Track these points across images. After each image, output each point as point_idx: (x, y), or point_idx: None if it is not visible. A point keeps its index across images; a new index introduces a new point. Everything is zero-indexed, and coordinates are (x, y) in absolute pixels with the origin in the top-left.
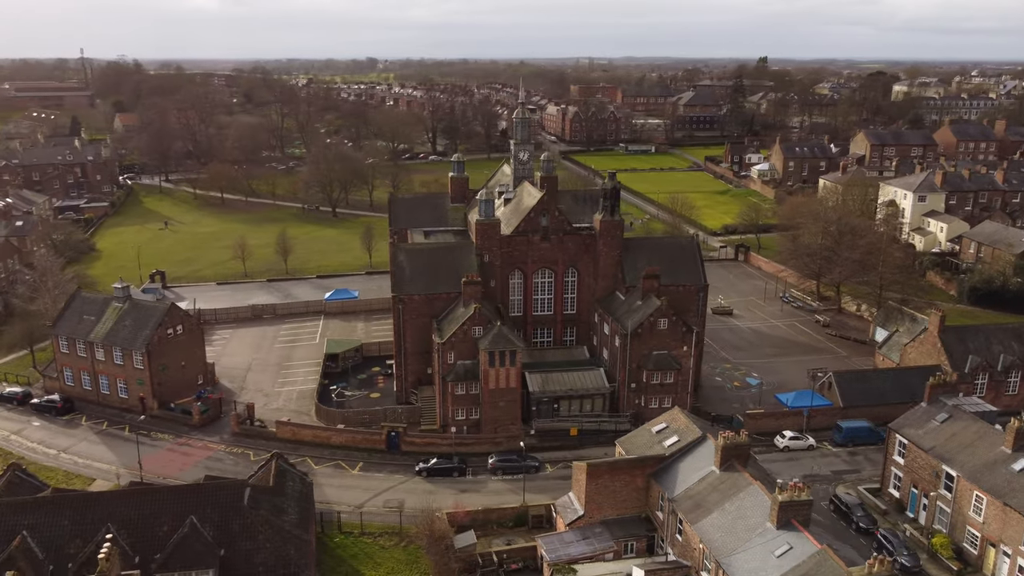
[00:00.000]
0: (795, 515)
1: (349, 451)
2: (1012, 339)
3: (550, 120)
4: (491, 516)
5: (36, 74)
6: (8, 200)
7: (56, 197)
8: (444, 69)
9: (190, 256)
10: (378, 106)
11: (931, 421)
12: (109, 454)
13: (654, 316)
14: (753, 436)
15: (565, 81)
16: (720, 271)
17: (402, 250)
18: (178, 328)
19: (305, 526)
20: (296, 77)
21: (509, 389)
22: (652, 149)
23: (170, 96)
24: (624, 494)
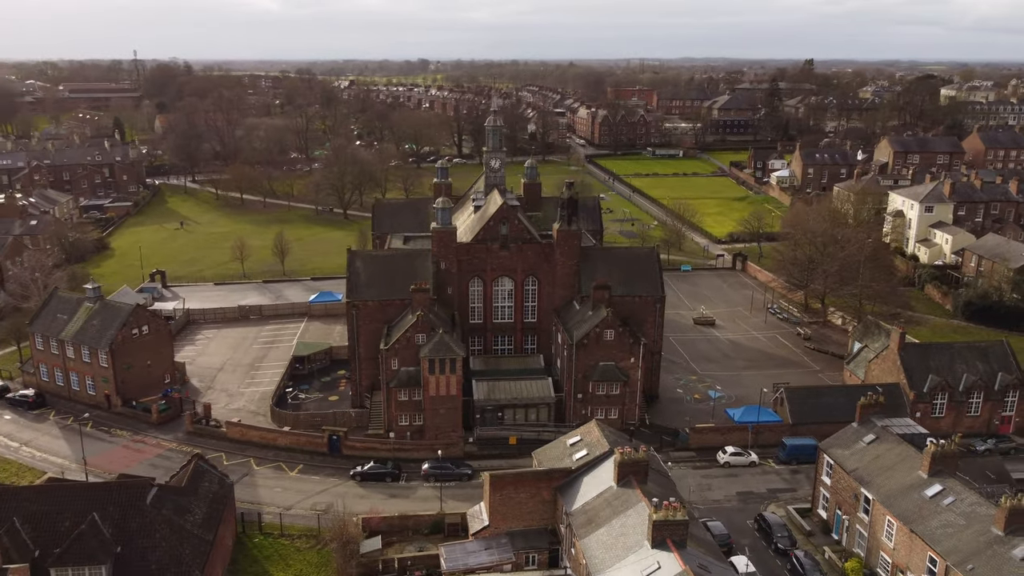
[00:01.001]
0: (670, 534)
1: (293, 453)
2: (978, 359)
3: (581, 123)
4: (407, 523)
5: (92, 76)
6: (32, 199)
7: (84, 196)
8: (493, 70)
9: (196, 256)
10: (415, 108)
11: (858, 442)
12: (67, 449)
13: (600, 327)
14: (695, 450)
15: (603, 83)
16: (715, 280)
17: (358, 256)
18: (143, 328)
19: (211, 526)
20: (339, 79)
21: (450, 396)
22: (680, 153)
23: (204, 97)
24: (530, 506)
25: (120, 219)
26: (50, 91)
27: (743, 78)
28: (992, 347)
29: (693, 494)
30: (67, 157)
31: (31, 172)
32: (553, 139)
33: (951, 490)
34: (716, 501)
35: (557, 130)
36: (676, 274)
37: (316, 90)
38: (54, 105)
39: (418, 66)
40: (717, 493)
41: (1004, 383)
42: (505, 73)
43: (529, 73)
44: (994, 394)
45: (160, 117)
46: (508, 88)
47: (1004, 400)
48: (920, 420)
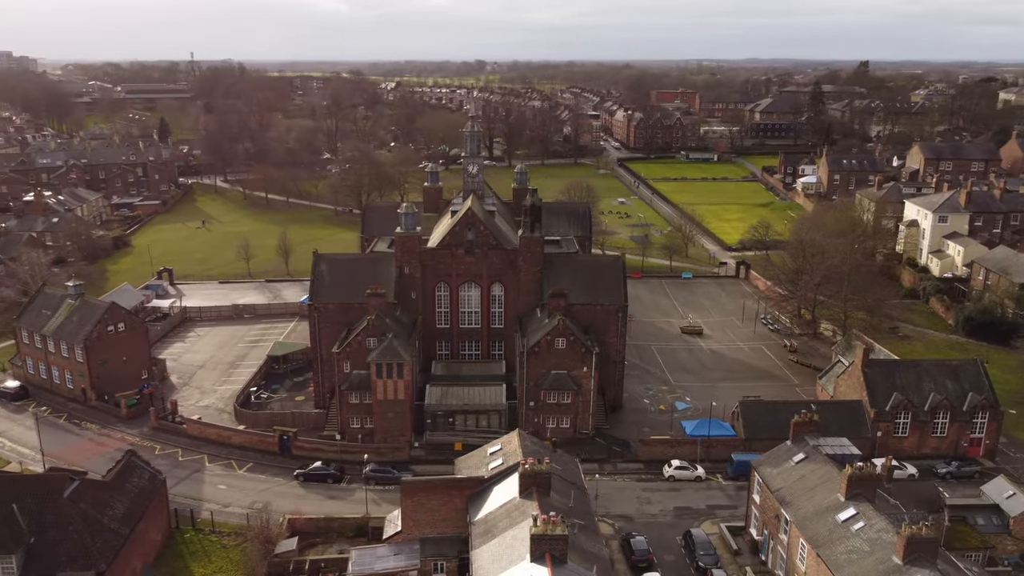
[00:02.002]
0: (549, 549)
1: (246, 452)
2: (948, 378)
3: (618, 126)
4: (333, 524)
5: (152, 77)
6: (60, 197)
7: (117, 195)
8: (549, 72)
9: (209, 255)
10: (456, 110)
11: (788, 461)
12: (37, 440)
13: (552, 335)
14: (644, 462)
15: (645, 86)
16: (714, 289)
17: (323, 259)
18: (119, 326)
19: (129, 521)
20: (388, 81)
21: (397, 401)
22: (714, 157)
23: (241, 98)
24: (443, 513)
25: (147, 217)
26: (107, 92)
27: (793, 80)
28: (964, 366)
29: (630, 507)
30: (103, 156)
31: (68, 170)
32: (586, 142)
33: (863, 515)
34: (652, 515)
35: (590, 133)
36: (676, 281)
37: (362, 92)
38: (108, 105)
39: (475, 67)
40: (655, 507)
41: (973, 404)
42: (559, 75)
43: (583, 75)
44: (961, 415)
45: (204, 117)
46: (553, 89)
47: (972, 422)
48: (882, 440)
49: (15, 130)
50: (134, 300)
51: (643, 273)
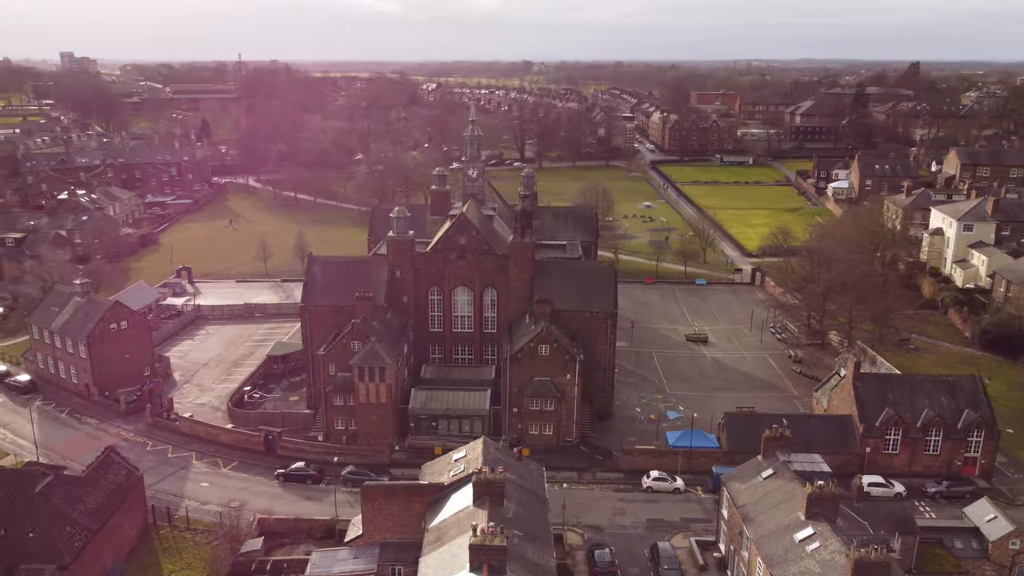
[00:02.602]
0: (488, 559)
1: (233, 450)
2: (943, 393)
3: (654, 128)
4: (302, 526)
5: (201, 77)
6: (94, 196)
7: (151, 193)
8: (596, 72)
9: (231, 253)
10: (494, 111)
11: (756, 476)
12: (37, 433)
13: (535, 341)
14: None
15: (685, 87)
16: (727, 296)
17: (317, 261)
18: (122, 323)
19: (101, 516)
20: (430, 81)
21: (380, 404)
22: (749, 161)
23: (282, 98)
24: (403, 519)
25: (179, 216)
26: (156, 92)
27: (839, 81)
28: (961, 382)
29: (603, 518)
30: (140, 156)
31: (105, 169)
32: (619, 144)
33: (820, 535)
34: (623, 527)
35: (624, 135)
36: (689, 288)
37: (403, 92)
38: (155, 105)
39: (521, 68)
40: (628, 518)
41: (968, 421)
42: (605, 75)
43: (629, 76)
44: (955, 433)
45: (243, 118)
46: (594, 91)
47: (967, 440)
48: (871, 456)
49: (61, 129)
50: (149, 298)
51: (657, 279)
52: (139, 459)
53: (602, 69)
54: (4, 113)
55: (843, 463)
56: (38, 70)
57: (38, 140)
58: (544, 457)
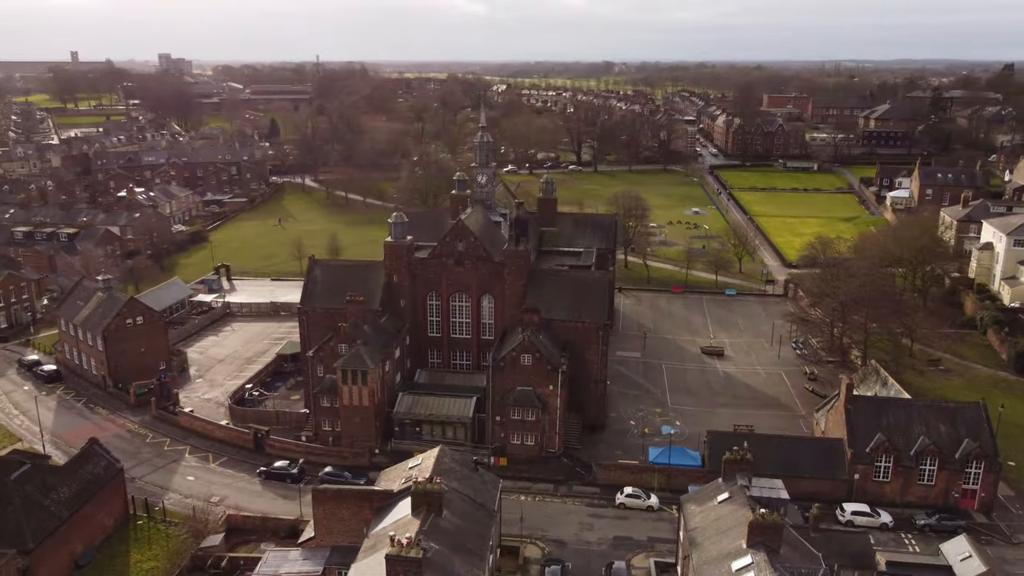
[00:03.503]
0: (403, 570)
1: (224, 446)
2: (943, 421)
3: (718, 132)
4: (268, 524)
5: (281, 78)
6: (152, 193)
7: (211, 192)
8: (677, 73)
9: (273, 251)
10: (561, 112)
11: (712, 500)
12: (51, 421)
13: (517, 351)
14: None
15: (758, 89)
16: (755, 308)
17: (318, 265)
18: (137, 319)
19: (73, 505)
20: (500, 82)
21: (362, 407)
22: (814, 167)
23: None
24: (353, 523)
25: (233, 214)
26: (235, 92)
27: (922, 84)
28: (964, 409)
29: (569, 532)
30: (202, 155)
31: (168, 168)
32: (680, 148)
33: (756, 565)
34: (587, 543)
35: (685, 138)
36: (718, 298)
37: (472, 94)
38: (232, 105)
39: (602, 68)
40: (594, 534)
41: (967, 451)
42: (686, 76)
43: (711, 77)
44: (952, 463)
45: (313, 118)
46: (665, 93)
47: (965, 471)
48: (860, 483)
49: (137, 129)
50: (182, 294)
51: (685, 288)
52: (137, 451)
53: (683, 70)
54: (95, 112)
55: (831, 489)
56: (129, 71)
57: (114, 139)
58: (523, 468)
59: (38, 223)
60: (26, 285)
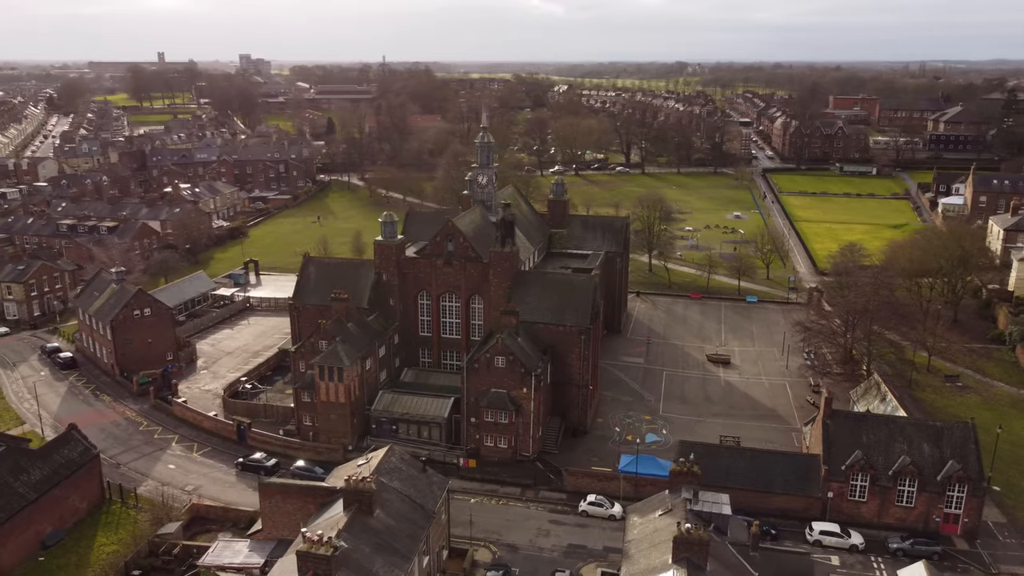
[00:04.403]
0: (314, 566)
1: (210, 436)
2: (928, 440)
3: (776, 134)
4: (229, 514)
5: (348, 78)
6: (197, 190)
7: (258, 188)
8: (751, 74)
9: (308, 247)
10: (619, 113)
11: (653, 512)
12: (58, 406)
13: (490, 353)
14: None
15: (823, 91)
16: (774, 316)
17: (312, 262)
18: (145, 311)
19: (42, 487)
20: (561, 83)
21: (339, 403)
22: (872, 171)
23: (405, 98)
24: (299, 517)
25: (276, 210)
26: (301, 91)
27: (1009, 86)
28: (952, 429)
29: (524, 538)
30: (251, 153)
31: (219, 165)
32: (734, 150)
33: None
34: (540, 549)
35: (740, 140)
36: (738, 305)
37: (531, 93)
38: (296, 104)
39: (675, 69)
40: (550, 541)
41: (949, 473)
42: (760, 78)
43: (786, 77)
44: (932, 484)
45: (369, 118)
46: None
47: (946, 494)
48: (834, 502)
49: (198, 127)
50: (204, 287)
51: (706, 293)
52: (128, 437)
53: (758, 71)
54: (167, 111)
55: (804, 507)
56: (204, 71)
57: (175, 136)
58: (494, 470)
59: (81, 216)
60: (59, 275)
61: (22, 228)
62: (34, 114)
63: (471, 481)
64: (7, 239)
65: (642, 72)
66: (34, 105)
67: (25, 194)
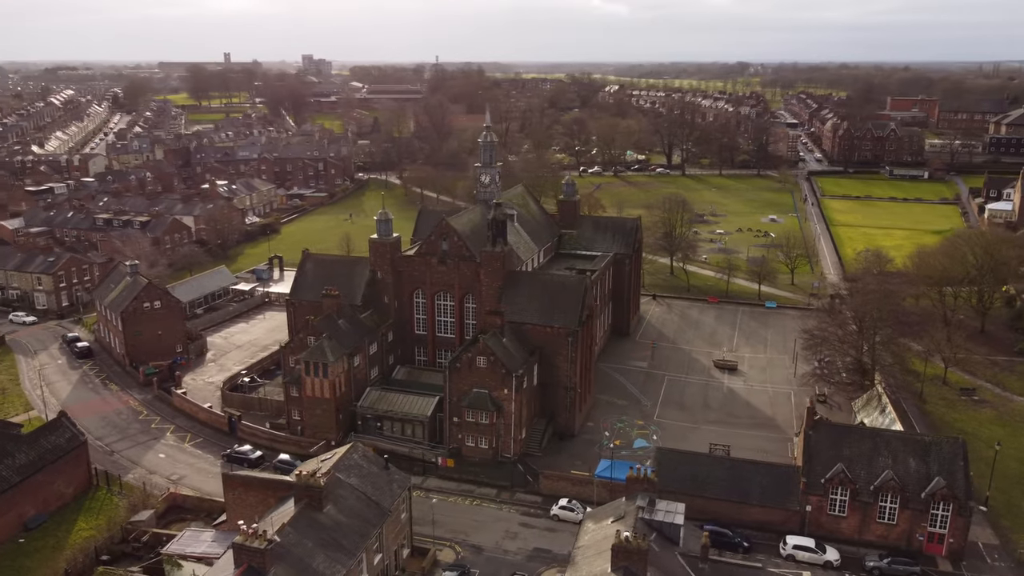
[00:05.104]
0: (248, 559)
1: (204, 427)
2: (914, 455)
3: (827, 137)
4: (204, 505)
5: (401, 78)
6: (233, 187)
7: (297, 186)
8: (814, 75)
9: (336, 245)
10: (668, 114)
11: (606, 519)
12: (68, 394)
13: (472, 353)
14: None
15: (876, 90)
16: (792, 323)
17: (310, 258)
18: (155, 303)
19: (26, 471)
20: (615, 82)
21: (324, 399)
22: (924, 175)
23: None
24: (260, 510)
25: (311, 208)
26: (353, 91)
27: None
28: (941, 444)
29: (491, 539)
30: (292, 151)
31: (259, 162)
32: (781, 152)
33: None
34: (505, 551)
35: (786, 142)
36: (756, 311)
37: (581, 94)
38: (346, 104)
39: (735, 69)
40: (517, 544)
41: (934, 491)
42: (824, 78)
43: (851, 78)
44: (915, 502)
45: (414, 117)
46: (785, 94)
47: (930, 512)
48: (813, 516)
49: (246, 125)
50: (225, 281)
51: (724, 298)
52: (127, 426)
53: (822, 72)
54: (223, 109)
55: (782, 519)
56: (258, 71)
57: (223, 135)
58: (473, 471)
59: (117, 211)
60: (88, 267)
61: (62, 221)
62: (97, 112)
63: (448, 480)
64: (48, 232)
65: (702, 72)
66: (98, 104)
67: (72, 189)
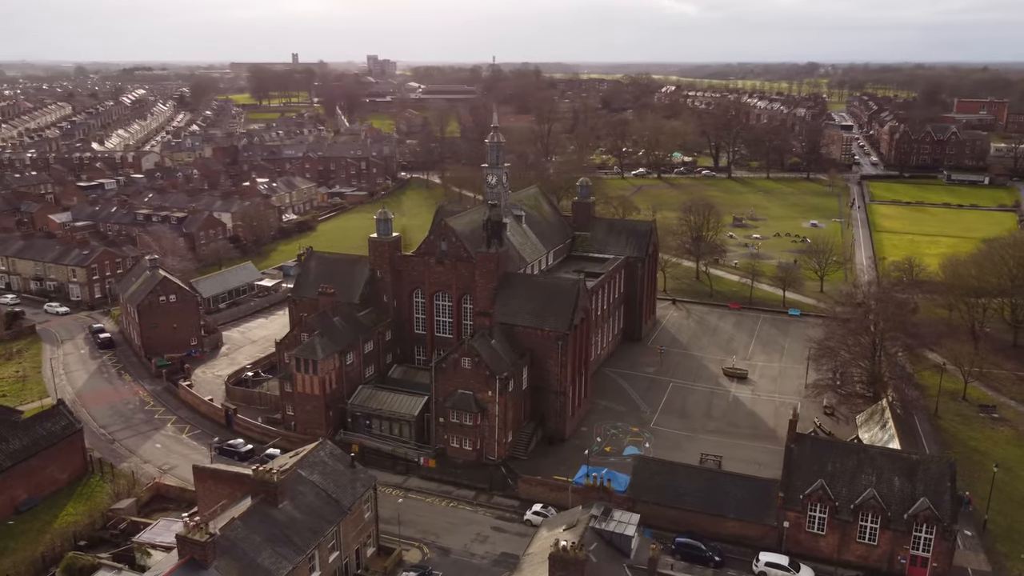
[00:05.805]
0: (191, 552)
1: (203, 420)
2: (899, 474)
3: (884, 140)
4: (187, 495)
5: (459, 78)
6: (274, 184)
7: (340, 184)
8: (885, 76)
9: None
10: (723, 114)
11: (559, 527)
12: (83, 382)
13: (457, 354)
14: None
15: (946, 91)
16: (814, 332)
17: (314, 257)
18: (171, 297)
19: (19, 456)
20: (674, 82)
21: (314, 395)
22: (984, 180)
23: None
24: (229, 502)
25: (351, 206)
26: (408, 91)
27: None
28: (928, 463)
29: (460, 542)
30: (335, 151)
31: (303, 161)
32: (835, 155)
33: None
34: (472, 555)
35: (839, 144)
36: (779, 318)
37: (636, 94)
38: (401, 104)
39: (804, 70)
40: (485, 547)
41: (917, 512)
42: (895, 79)
43: (924, 79)
44: (897, 523)
45: (464, 117)
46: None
47: (911, 534)
48: (791, 532)
49: (297, 125)
50: (250, 277)
51: (747, 304)
52: (132, 415)
53: (895, 72)
54: (280, 109)
55: (759, 535)
56: (322, 71)
57: (274, 134)
58: (454, 472)
59: (157, 206)
60: (121, 260)
61: (107, 216)
62: (161, 111)
63: (430, 481)
64: (92, 226)
65: (769, 73)
66: (163, 103)
67: (121, 185)
